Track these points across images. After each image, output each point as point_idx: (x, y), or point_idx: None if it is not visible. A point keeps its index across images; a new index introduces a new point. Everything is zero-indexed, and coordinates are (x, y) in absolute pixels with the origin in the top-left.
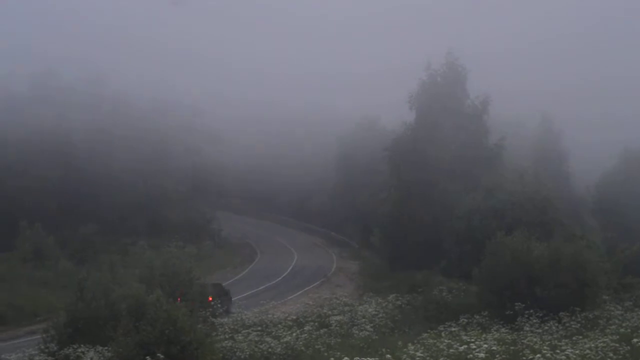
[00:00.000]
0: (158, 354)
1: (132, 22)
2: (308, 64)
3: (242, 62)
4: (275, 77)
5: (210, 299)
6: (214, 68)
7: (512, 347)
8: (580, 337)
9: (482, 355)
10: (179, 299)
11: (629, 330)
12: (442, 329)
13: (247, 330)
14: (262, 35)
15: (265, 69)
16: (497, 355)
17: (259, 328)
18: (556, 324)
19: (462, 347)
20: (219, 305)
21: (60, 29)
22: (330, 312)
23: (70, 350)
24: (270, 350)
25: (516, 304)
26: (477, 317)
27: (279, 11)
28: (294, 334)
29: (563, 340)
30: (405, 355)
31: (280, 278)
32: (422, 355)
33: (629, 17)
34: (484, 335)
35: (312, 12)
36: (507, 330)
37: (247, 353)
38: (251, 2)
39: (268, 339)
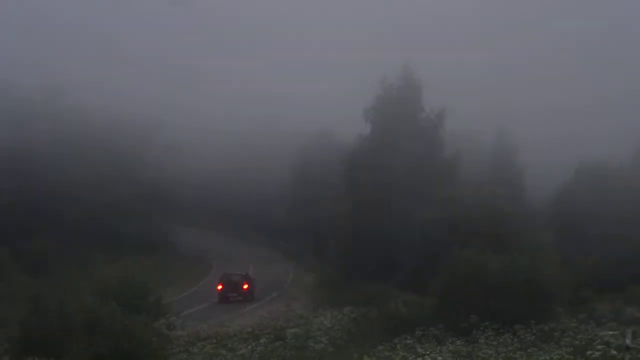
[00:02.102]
0: None
1: (92, 31)
2: (266, 77)
3: (202, 73)
4: (234, 89)
5: (247, 286)
6: (174, 79)
7: None
8: (535, 349)
9: None
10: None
11: (583, 342)
12: (397, 341)
13: (202, 343)
14: (222, 47)
15: (224, 82)
16: None
17: (214, 341)
18: (511, 337)
19: None
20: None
21: (19, 37)
22: (285, 325)
23: None
24: None
25: (471, 316)
26: (433, 329)
27: (239, 24)
28: (250, 347)
29: (518, 352)
30: None
31: None
32: None
33: (584, 35)
34: (439, 348)
35: (270, 25)
36: (462, 343)
37: None
38: (211, 15)
39: (223, 352)
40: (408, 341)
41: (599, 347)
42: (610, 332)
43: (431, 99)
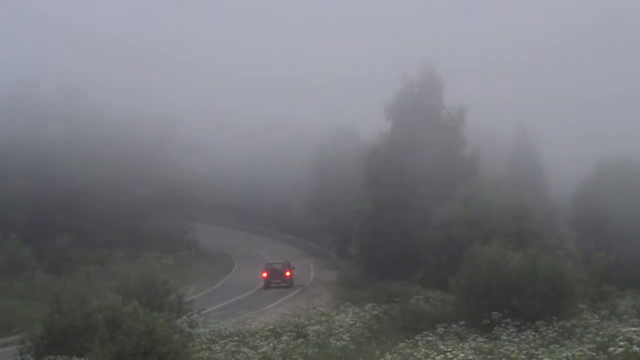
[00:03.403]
0: None
1: (109, 31)
2: (284, 72)
3: (219, 70)
4: (252, 86)
5: (289, 273)
6: (191, 77)
7: (489, 357)
8: (557, 346)
9: None
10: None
11: (605, 339)
12: (419, 338)
13: (224, 341)
14: (239, 44)
15: (242, 79)
16: None
17: (236, 338)
18: (533, 333)
19: (439, 357)
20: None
21: (36, 37)
22: (307, 322)
23: None
24: None
25: (493, 313)
26: (454, 326)
27: (256, 19)
28: (271, 344)
29: (540, 349)
30: None
31: (257, 288)
32: None
33: (605, 29)
34: (460, 345)
35: (288, 21)
36: (484, 340)
37: None
38: (228, 10)
39: (245, 350)
40: (430, 338)
41: (621, 343)
42: (633, 329)
43: (451, 94)
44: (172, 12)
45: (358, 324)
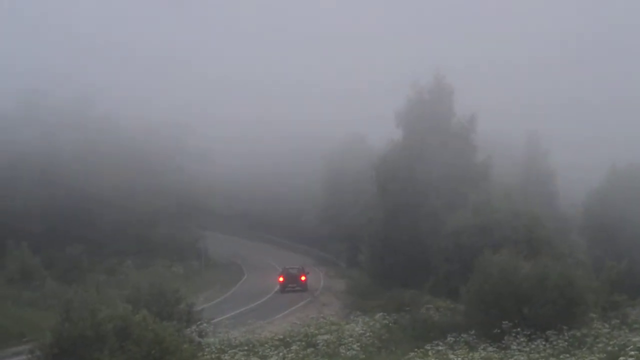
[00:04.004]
0: None
1: (120, 41)
2: (294, 81)
3: (231, 79)
4: (263, 94)
5: (305, 278)
6: (203, 85)
7: None
8: (568, 355)
9: None
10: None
11: (616, 348)
12: (429, 347)
13: (233, 350)
14: (251, 52)
15: (253, 87)
16: None
17: (246, 348)
18: (543, 343)
19: None
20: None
21: (47, 46)
22: (317, 332)
23: None
24: None
25: (503, 322)
26: (465, 335)
27: (265, 28)
28: (281, 354)
29: (550, 358)
30: None
31: (267, 297)
32: None
33: (618, 34)
34: (471, 354)
35: (299, 30)
36: (494, 349)
37: None
38: (239, 18)
39: (255, 359)
40: (440, 347)
41: (632, 353)
42: None
43: (462, 99)
44: (184, 21)
45: (368, 334)
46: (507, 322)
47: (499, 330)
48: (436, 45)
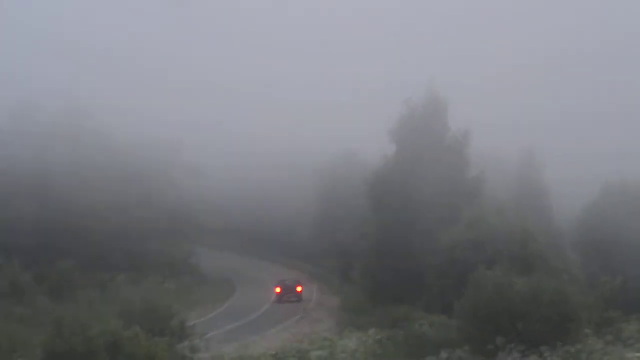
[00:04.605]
0: None
1: (113, 53)
2: (287, 96)
3: (224, 94)
4: (256, 109)
5: (301, 289)
6: (197, 101)
7: None
8: None
9: None
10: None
11: None
12: None
13: None
14: (244, 66)
15: (246, 102)
16: None
17: None
18: (538, 359)
19: None
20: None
21: (39, 58)
22: (310, 348)
23: None
24: None
25: (497, 338)
26: (459, 351)
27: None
28: None
29: None
30: None
31: (259, 313)
32: None
33: (612, 49)
34: None
35: (291, 44)
36: None
37: None
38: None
39: None
40: None
41: None
42: (638, 354)
43: (456, 113)
44: (177, 34)
45: (361, 350)
46: (501, 337)
47: (493, 346)
48: (429, 60)
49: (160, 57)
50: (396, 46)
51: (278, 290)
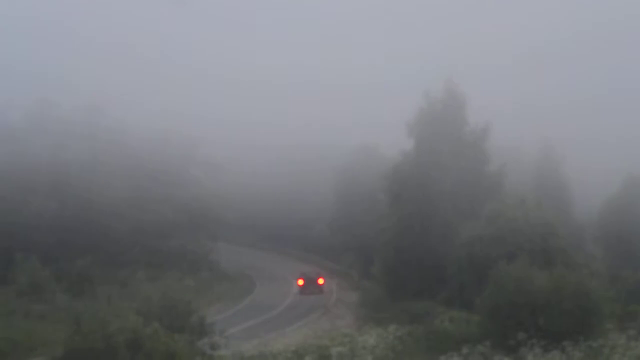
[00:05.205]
0: None
1: (131, 50)
2: (306, 89)
3: (242, 89)
4: (274, 104)
5: (323, 281)
6: (215, 96)
7: None
8: None
9: None
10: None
11: (633, 359)
12: (443, 359)
13: None
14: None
15: (264, 97)
16: None
17: None
18: (559, 353)
19: None
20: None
21: (57, 56)
22: (330, 344)
23: None
24: None
25: (519, 333)
26: (479, 347)
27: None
28: None
29: None
30: None
31: (279, 310)
32: None
33: (633, 34)
34: None
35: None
36: None
37: None
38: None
39: None
40: (455, 359)
41: None
42: None
43: (475, 106)
44: (195, 32)
45: (381, 345)
46: (522, 333)
47: (514, 341)
48: (448, 51)
49: (177, 54)
50: (414, 40)
51: (300, 282)
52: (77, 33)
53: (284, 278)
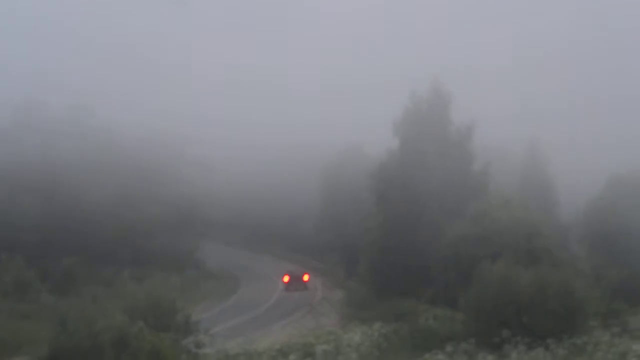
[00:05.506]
0: None
1: (119, 49)
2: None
3: (229, 88)
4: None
5: (308, 277)
6: (202, 96)
7: None
8: None
9: None
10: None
11: (616, 356)
12: (428, 357)
13: None
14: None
15: (250, 95)
16: None
17: (243, 358)
18: (543, 351)
19: None
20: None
21: (44, 55)
22: (315, 341)
23: None
24: None
25: (503, 330)
26: (464, 344)
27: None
28: None
29: None
30: None
31: (264, 308)
32: None
33: (618, 38)
34: None
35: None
36: (493, 358)
37: None
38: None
39: None
40: (439, 357)
41: None
42: None
43: (460, 106)
44: (184, 31)
45: (366, 343)
46: (506, 330)
47: (498, 339)
48: (433, 51)
49: (166, 53)
50: (399, 38)
51: (286, 279)
52: (74, 33)
53: (269, 277)
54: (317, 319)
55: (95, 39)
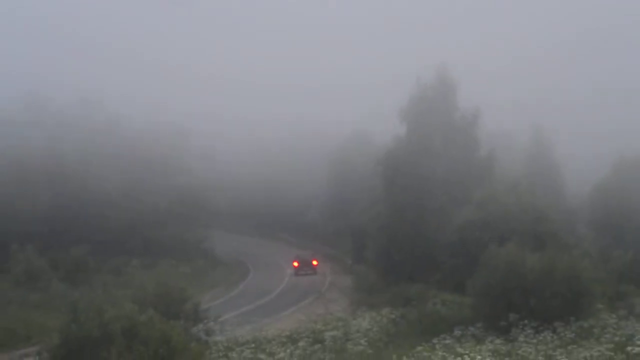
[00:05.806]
0: None
1: (124, 43)
2: (298, 77)
3: (235, 79)
4: (267, 93)
5: (316, 262)
6: (207, 86)
7: (506, 358)
8: (575, 346)
9: None
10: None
11: (623, 338)
12: (436, 341)
13: (240, 348)
14: (254, 52)
15: (257, 86)
16: None
17: (253, 345)
18: (551, 334)
19: None
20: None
21: (51, 50)
22: (324, 328)
23: None
24: None
25: (510, 314)
26: (472, 328)
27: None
28: (288, 351)
29: (558, 350)
30: None
31: (273, 295)
32: None
33: (622, 25)
34: (478, 347)
35: (301, 29)
36: (501, 341)
37: None
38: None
39: (262, 356)
40: (447, 341)
41: None
42: None
43: (466, 93)
44: (186, 24)
45: (375, 329)
46: (514, 314)
47: (506, 323)
48: (439, 39)
49: (170, 46)
50: (407, 27)
51: (295, 264)
52: (72, 30)
53: (278, 264)
54: (326, 305)
55: (101, 38)
